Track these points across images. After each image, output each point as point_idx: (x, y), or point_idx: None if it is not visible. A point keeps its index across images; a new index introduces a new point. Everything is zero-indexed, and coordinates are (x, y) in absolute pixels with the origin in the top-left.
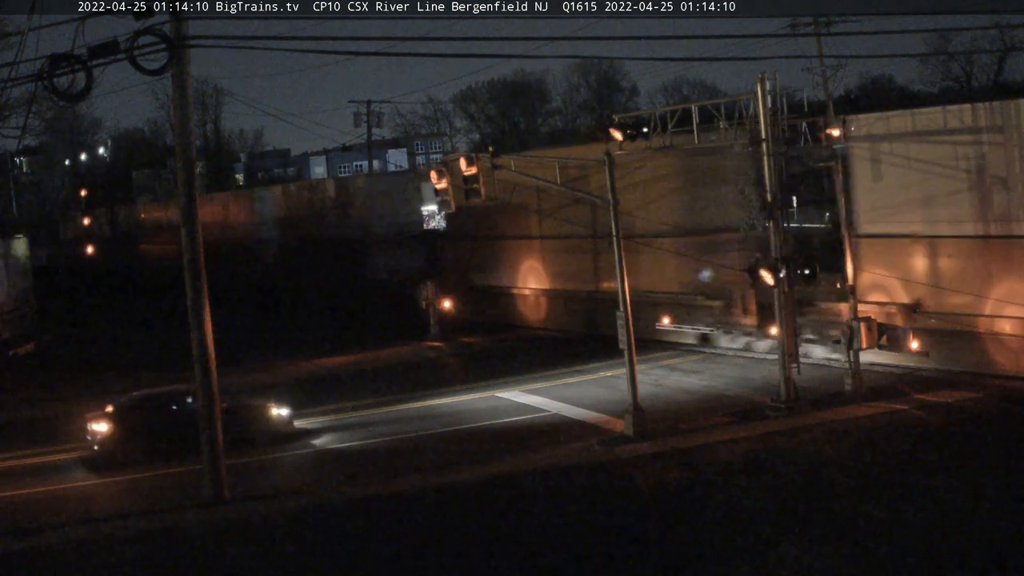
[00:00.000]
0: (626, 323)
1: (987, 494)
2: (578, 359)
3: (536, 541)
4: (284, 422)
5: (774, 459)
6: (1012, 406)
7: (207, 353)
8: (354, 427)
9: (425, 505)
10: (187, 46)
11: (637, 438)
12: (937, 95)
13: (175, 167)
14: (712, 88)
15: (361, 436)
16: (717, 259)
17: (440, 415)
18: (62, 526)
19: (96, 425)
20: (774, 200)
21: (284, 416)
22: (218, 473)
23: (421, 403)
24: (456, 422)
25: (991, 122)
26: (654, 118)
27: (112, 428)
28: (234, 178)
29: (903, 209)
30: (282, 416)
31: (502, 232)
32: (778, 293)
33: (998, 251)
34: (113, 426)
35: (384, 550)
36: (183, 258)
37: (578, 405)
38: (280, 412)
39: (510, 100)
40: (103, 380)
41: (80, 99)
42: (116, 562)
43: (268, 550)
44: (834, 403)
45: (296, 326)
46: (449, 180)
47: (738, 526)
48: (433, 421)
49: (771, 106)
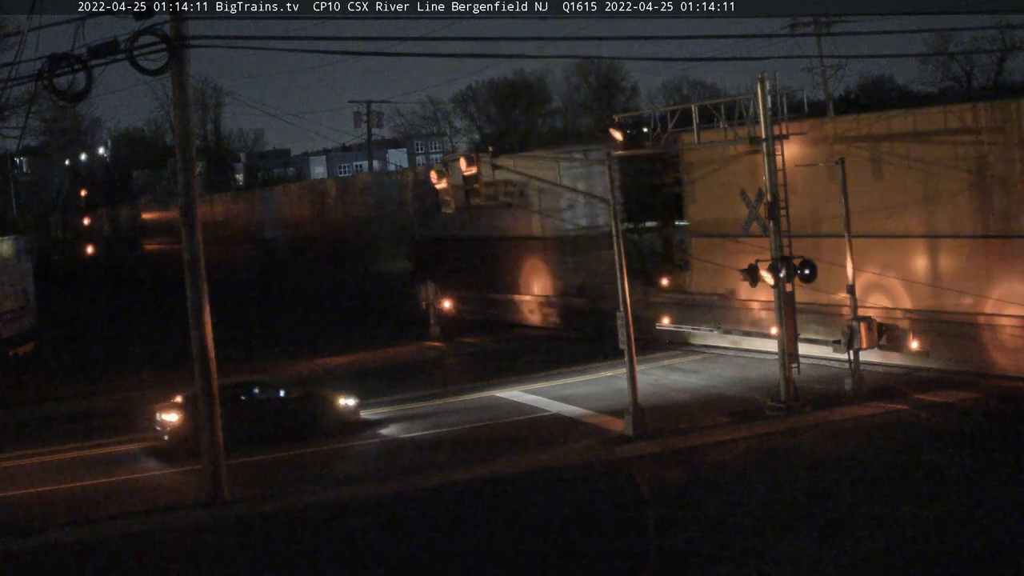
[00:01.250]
0: (626, 323)
1: (987, 494)
2: (578, 359)
3: (535, 541)
4: (351, 411)
5: (774, 459)
6: (1012, 406)
7: (207, 353)
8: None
9: (425, 505)
10: (187, 46)
11: (637, 438)
12: (937, 95)
13: (175, 167)
14: (712, 88)
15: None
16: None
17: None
18: (62, 526)
19: (166, 415)
20: (774, 200)
21: (351, 406)
22: (218, 473)
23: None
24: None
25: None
26: (654, 118)
27: (182, 418)
28: (234, 178)
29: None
30: (349, 405)
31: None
32: (777, 293)
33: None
34: (183, 416)
35: (381, 550)
36: (183, 257)
37: (578, 405)
38: (347, 402)
39: (510, 100)
40: (103, 380)
41: (80, 99)
42: (114, 563)
43: (267, 550)
44: (834, 403)
45: (296, 326)
46: (449, 180)
47: (738, 526)
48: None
49: (771, 106)
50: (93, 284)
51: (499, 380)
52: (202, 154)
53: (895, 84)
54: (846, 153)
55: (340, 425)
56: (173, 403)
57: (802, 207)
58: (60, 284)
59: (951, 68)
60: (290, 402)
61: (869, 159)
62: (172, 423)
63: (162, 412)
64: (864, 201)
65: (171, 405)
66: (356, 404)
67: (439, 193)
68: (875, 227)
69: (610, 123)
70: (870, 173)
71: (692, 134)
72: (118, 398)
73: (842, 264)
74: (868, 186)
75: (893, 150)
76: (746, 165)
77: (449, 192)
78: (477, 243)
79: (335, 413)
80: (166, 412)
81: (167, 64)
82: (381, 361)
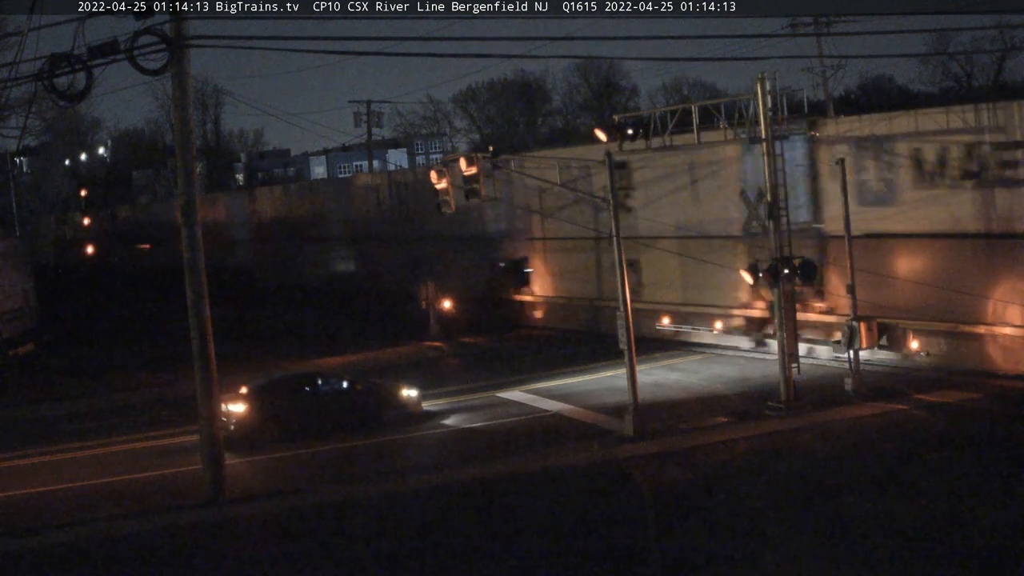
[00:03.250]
0: (626, 323)
1: (986, 494)
2: (578, 359)
3: (536, 541)
4: (414, 402)
5: (774, 459)
6: (1012, 406)
7: (207, 352)
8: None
9: (424, 504)
10: (187, 46)
11: (637, 438)
12: (937, 95)
13: (175, 167)
14: (712, 88)
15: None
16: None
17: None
18: (61, 527)
19: (231, 406)
20: (774, 200)
21: (414, 396)
22: (218, 473)
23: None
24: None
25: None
26: (654, 118)
27: (248, 409)
28: (234, 178)
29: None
30: (412, 396)
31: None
32: (778, 293)
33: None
34: (249, 407)
35: (380, 549)
36: (183, 257)
37: (578, 405)
38: (410, 393)
39: (510, 100)
40: (103, 380)
41: (80, 99)
42: (111, 563)
43: (265, 550)
44: (834, 403)
45: (295, 326)
46: (449, 180)
47: (738, 526)
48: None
49: (771, 106)
50: (93, 284)
51: (499, 380)
52: (202, 154)
53: (895, 84)
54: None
55: (403, 416)
56: (239, 394)
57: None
58: (60, 284)
59: (951, 68)
60: (354, 393)
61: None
62: (238, 414)
63: (227, 403)
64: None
65: (237, 396)
66: (418, 395)
67: (439, 193)
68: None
69: (608, 123)
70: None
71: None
72: (157, 393)
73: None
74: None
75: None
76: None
77: (449, 192)
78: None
79: (398, 404)
80: (232, 403)
81: (167, 64)
82: (382, 361)
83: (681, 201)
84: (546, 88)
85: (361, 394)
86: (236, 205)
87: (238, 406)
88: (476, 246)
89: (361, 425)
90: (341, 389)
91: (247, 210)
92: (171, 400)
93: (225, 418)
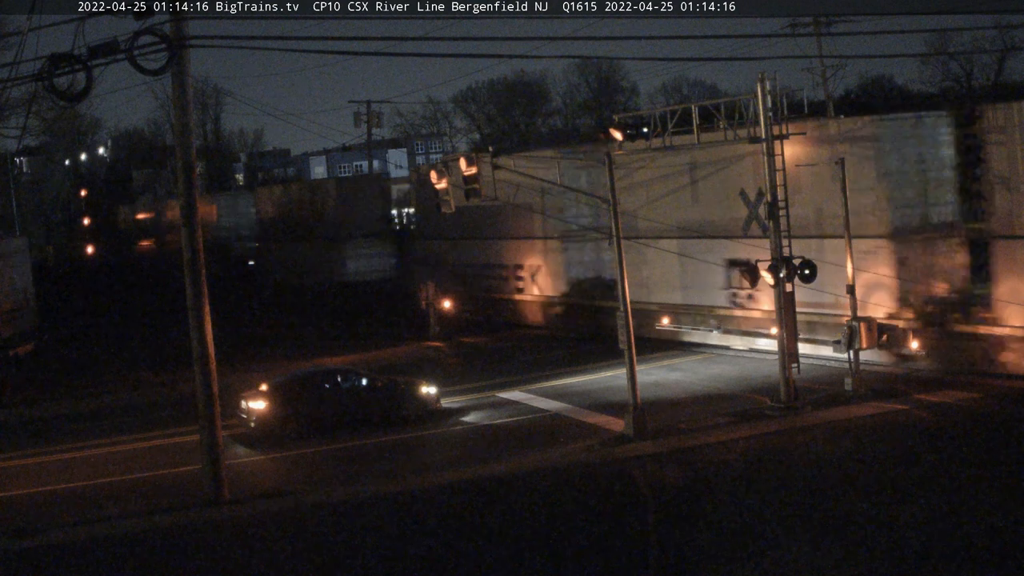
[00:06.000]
0: (626, 323)
1: (986, 494)
2: (578, 359)
3: (536, 541)
4: (433, 399)
5: (774, 459)
6: (1012, 406)
7: (207, 352)
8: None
9: (425, 504)
10: (187, 46)
11: (637, 438)
12: (937, 95)
13: (175, 167)
14: (712, 88)
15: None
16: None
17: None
18: (62, 527)
19: (253, 403)
20: (774, 200)
21: (432, 393)
22: (218, 473)
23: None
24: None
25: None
26: (654, 118)
27: (269, 406)
28: (234, 178)
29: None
30: (431, 393)
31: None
32: (778, 293)
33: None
34: (270, 404)
35: (380, 549)
36: (183, 257)
37: (578, 405)
38: (429, 390)
39: (510, 100)
40: (103, 380)
41: (80, 99)
42: (110, 564)
43: (264, 550)
44: (834, 403)
45: (295, 326)
46: (449, 180)
47: (738, 526)
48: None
49: (771, 106)
50: (93, 284)
51: (499, 380)
52: (202, 154)
53: (895, 84)
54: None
55: (422, 413)
56: (259, 391)
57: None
58: (60, 284)
59: (951, 68)
60: (374, 390)
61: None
62: (258, 411)
63: (248, 400)
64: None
65: (257, 393)
66: (437, 392)
67: (439, 193)
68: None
69: (610, 123)
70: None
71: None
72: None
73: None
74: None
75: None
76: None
77: (449, 192)
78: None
79: (418, 401)
80: (253, 400)
81: (167, 64)
82: (382, 361)
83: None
84: (546, 88)
85: (381, 391)
86: (238, 205)
87: (259, 403)
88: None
89: (382, 422)
90: (362, 386)
91: (249, 210)
92: (171, 400)
93: (245, 415)
